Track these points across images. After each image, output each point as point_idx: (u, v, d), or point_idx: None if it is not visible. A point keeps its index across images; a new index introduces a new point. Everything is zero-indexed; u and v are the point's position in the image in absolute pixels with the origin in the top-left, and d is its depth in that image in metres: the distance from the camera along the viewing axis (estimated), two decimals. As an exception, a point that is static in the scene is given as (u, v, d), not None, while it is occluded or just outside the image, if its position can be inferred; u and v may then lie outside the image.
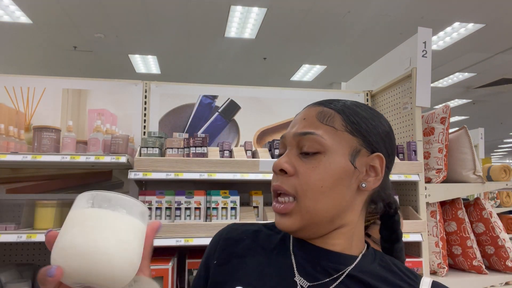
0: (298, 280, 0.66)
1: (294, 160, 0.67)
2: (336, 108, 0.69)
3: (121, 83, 2.42)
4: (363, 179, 0.67)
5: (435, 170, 2.23)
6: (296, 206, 0.65)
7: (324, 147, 0.65)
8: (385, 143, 0.70)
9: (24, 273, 2.06)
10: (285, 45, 6.80)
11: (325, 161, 0.65)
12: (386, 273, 0.67)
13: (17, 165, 2.25)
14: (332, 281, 0.65)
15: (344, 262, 0.67)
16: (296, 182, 0.65)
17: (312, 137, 0.66)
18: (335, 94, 2.71)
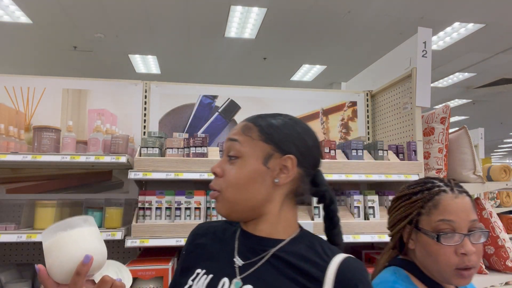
0: (236, 260, 0.84)
1: (225, 164, 0.87)
2: (255, 121, 0.88)
3: (121, 83, 2.42)
4: (276, 176, 0.84)
5: (435, 170, 2.23)
6: (220, 195, 0.85)
7: (242, 153, 0.85)
8: (298, 147, 0.86)
9: (24, 273, 2.06)
10: (285, 45, 6.80)
11: (241, 164, 0.84)
12: (308, 253, 0.82)
13: (17, 165, 2.25)
14: (259, 260, 0.82)
15: (270, 244, 0.84)
16: (222, 181, 0.85)
17: (235, 143, 0.86)
18: (335, 94, 2.71)
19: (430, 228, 0.99)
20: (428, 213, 1.00)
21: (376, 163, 2.09)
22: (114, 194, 2.35)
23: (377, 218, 2.09)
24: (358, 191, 2.16)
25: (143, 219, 1.94)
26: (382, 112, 2.56)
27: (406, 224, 1.05)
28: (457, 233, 0.97)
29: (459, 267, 0.97)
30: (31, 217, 1.94)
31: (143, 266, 1.76)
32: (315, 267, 0.79)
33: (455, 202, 0.99)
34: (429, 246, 0.99)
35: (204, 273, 0.85)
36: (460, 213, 0.98)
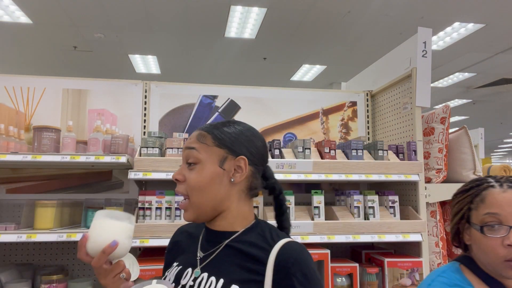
0: (198, 253, 0.99)
1: (185, 170, 0.97)
2: (208, 130, 0.98)
3: (121, 83, 2.42)
4: (232, 176, 0.96)
5: (435, 170, 2.23)
6: (189, 203, 0.95)
7: (199, 159, 0.95)
8: (248, 148, 0.98)
9: (24, 273, 2.06)
10: (285, 45, 6.80)
11: (199, 169, 0.95)
12: (257, 240, 0.94)
13: (17, 165, 2.25)
14: (215, 250, 0.95)
15: (225, 236, 0.96)
16: (185, 186, 0.95)
17: (193, 151, 0.96)
18: (335, 94, 2.71)
19: (478, 222, 1.05)
20: (476, 207, 1.07)
21: (376, 163, 2.09)
22: (114, 194, 2.35)
23: (377, 218, 2.09)
24: (358, 191, 2.16)
25: (143, 219, 1.94)
26: (382, 112, 2.56)
27: (459, 219, 1.15)
28: (503, 225, 1.00)
29: (507, 258, 0.98)
30: (31, 217, 1.94)
31: (143, 266, 1.76)
32: (261, 251, 0.91)
33: (502, 196, 1.03)
34: (478, 239, 1.04)
35: (176, 265, 1.00)
36: (506, 207, 1.01)
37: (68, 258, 2.26)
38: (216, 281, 0.89)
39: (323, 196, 2.09)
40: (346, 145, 2.22)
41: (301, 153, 2.09)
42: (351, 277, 2.01)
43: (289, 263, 0.86)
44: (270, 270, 0.87)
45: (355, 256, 2.35)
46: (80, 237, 0.95)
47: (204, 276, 0.92)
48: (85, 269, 2.27)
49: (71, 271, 2.25)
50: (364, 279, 2.02)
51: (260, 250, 0.91)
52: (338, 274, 2.00)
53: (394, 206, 2.15)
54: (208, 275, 0.91)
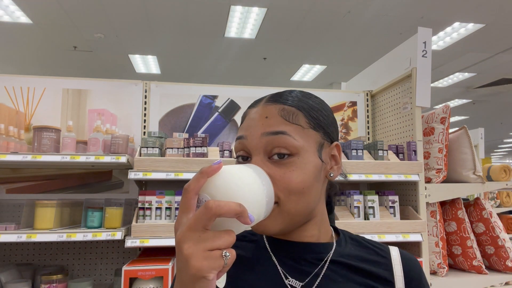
0: (291, 282, 0.67)
1: (265, 166, 0.63)
2: (295, 105, 0.68)
3: (121, 83, 2.42)
4: (330, 169, 0.70)
5: (435, 170, 2.23)
6: (277, 209, 0.63)
7: (297, 149, 0.64)
8: (336, 130, 0.73)
9: (24, 273, 2.06)
10: (285, 45, 6.80)
11: (300, 163, 0.64)
12: (361, 252, 0.73)
13: (17, 165, 2.25)
14: (320, 270, 0.68)
15: (324, 250, 0.70)
16: (277, 189, 0.62)
17: (284, 137, 0.64)
18: (335, 94, 2.71)
19: None
20: None
21: (376, 163, 2.09)
22: (114, 194, 2.35)
23: (377, 218, 2.09)
24: (358, 191, 2.16)
25: (143, 219, 1.94)
26: (382, 112, 2.56)
27: None
28: None
29: None
30: (31, 217, 1.94)
31: (143, 266, 1.76)
32: (377, 266, 0.71)
33: None
34: None
35: None
36: None
37: (68, 258, 2.26)
38: None
39: (323, 196, 2.09)
40: (346, 145, 2.22)
41: (301, 153, 2.09)
42: (351, 277, 2.01)
43: (421, 279, 0.73)
44: (401, 284, 0.70)
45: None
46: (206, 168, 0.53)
47: None
48: (85, 269, 2.27)
49: (71, 271, 2.25)
50: (364, 279, 2.02)
51: (377, 265, 0.71)
52: (338, 274, 1.99)
53: (394, 206, 2.15)
54: None
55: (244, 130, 0.68)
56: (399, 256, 0.73)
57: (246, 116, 0.71)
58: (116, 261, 2.29)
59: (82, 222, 1.98)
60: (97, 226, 1.93)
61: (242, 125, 0.70)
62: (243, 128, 0.69)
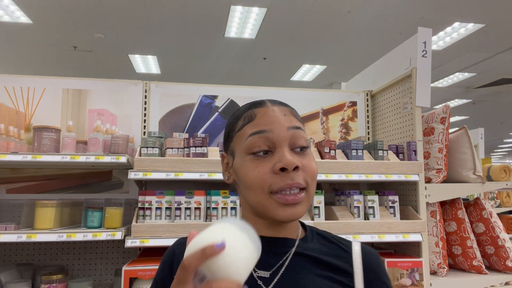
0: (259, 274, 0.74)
1: (293, 156, 0.72)
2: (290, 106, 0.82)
3: (121, 83, 2.42)
4: None
5: (435, 170, 2.23)
6: (306, 194, 0.73)
7: (308, 142, 0.76)
8: None
9: (24, 273, 2.06)
10: (285, 45, 6.80)
11: (310, 154, 0.76)
12: (325, 246, 0.80)
13: (17, 165, 2.25)
14: (284, 262, 0.75)
15: (291, 244, 0.78)
16: (304, 175, 0.72)
17: (301, 132, 0.76)
18: (335, 94, 2.71)
19: None
20: None
21: (376, 163, 2.09)
22: (114, 194, 2.35)
23: (377, 218, 2.09)
24: (358, 191, 2.16)
25: (143, 219, 1.94)
26: (382, 112, 2.56)
27: None
28: None
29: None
30: (31, 217, 1.94)
31: (143, 266, 1.76)
32: (338, 259, 0.78)
33: None
34: None
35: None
36: None
37: (68, 258, 2.26)
38: None
39: (323, 196, 2.09)
40: (346, 145, 2.22)
41: (301, 153, 2.09)
42: (351, 277, 2.01)
43: (379, 270, 0.80)
44: (360, 280, 0.76)
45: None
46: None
47: None
48: (85, 269, 2.27)
49: (71, 271, 2.25)
50: (364, 279, 2.02)
51: (338, 257, 0.78)
52: (338, 274, 1.99)
53: (394, 206, 2.15)
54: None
55: (267, 125, 0.74)
56: (360, 250, 0.80)
57: (257, 115, 0.77)
58: (116, 261, 2.29)
59: (82, 222, 1.98)
60: (97, 226, 1.93)
61: (257, 122, 0.76)
62: (262, 123, 0.75)
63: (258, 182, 0.71)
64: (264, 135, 0.73)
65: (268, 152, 0.73)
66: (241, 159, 0.75)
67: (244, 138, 0.75)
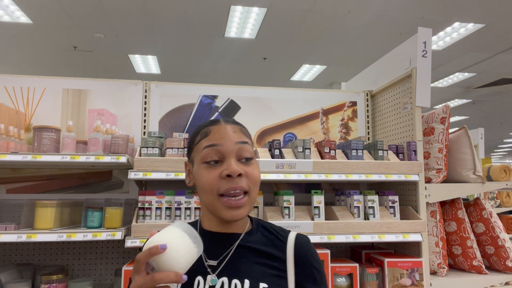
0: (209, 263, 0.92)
1: (238, 165, 0.90)
2: (240, 124, 0.98)
3: (121, 83, 2.42)
4: None
5: (435, 170, 2.23)
6: (248, 198, 0.90)
7: (253, 154, 0.94)
8: None
9: (24, 273, 2.06)
10: (285, 45, 6.80)
11: (255, 164, 0.94)
12: (265, 237, 0.96)
13: (17, 165, 2.25)
14: (227, 254, 0.92)
15: (236, 238, 0.94)
16: (247, 180, 0.90)
17: (247, 146, 0.93)
18: (335, 94, 2.71)
19: None
20: None
21: (376, 163, 2.09)
22: (114, 194, 2.35)
23: (377, 218, 2.09)
24: (358, 191, 2.16)
25: (143, 219, 1.94)
26: (382, 112, 2.56)
27: None
28: None
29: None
30: (31, 217, 1.94)
31: (143, 266, 1.76)
32: (275, 248, 0.95)
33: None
34: None
35: None
36: None
37: (68, 258, 2.26)
38: (241, 283, 0.87)
39: (323, 196, 2.09)
40: (346, 145, 2.22)
41: (301, 153, 2.09)
42: (351, 277, 2.01)
43: (307, 254, 0.95)
44: (291, 264, 0.92)
45: (355, 256, 2.35)
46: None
47: (223, 281, 0.88)
48: (85, 269, 2.27)
49: (71, 271, 2.25)
50: (364, 279, 2.02)
51: (273, 246, 0.95)
52: (338, 274, 1.99)
53: (394, 206, 2.15)
54: (228, 279, 0.88)
55: (219, 140, 0.92)
56: (294, 239, 0.97)
57: (211, 131, 0.94)
58: (116, 261, 2.29)
59: (82, 222, 1.98)
60: (97, 226, 1.93)
61: (211, 137, 0.93)
62: (215, 139, 0.92)
63: (209, 185, 0.89)
64: (215, 148, 0.91)
65: (219, 161, 0.91)
66: (198, 166, 0.93)
67: (201, 150, 0.92)
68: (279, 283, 0.90)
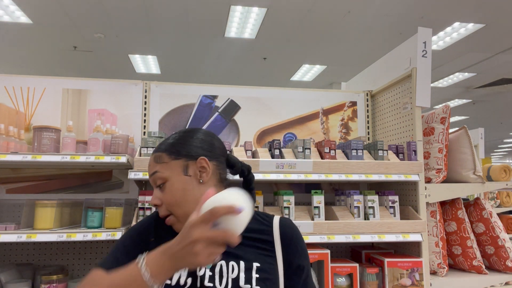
0: None
1: (158, 194, 1.02)
2: (160, 149, 1.05)
3: (121, 83, 2.42)
4: (200, 177, 1.02)
5: (435, 170, 2.23)
6: (174, 218, 1.01)
7: (165, 178, 1.01)
8: (202, 147, 1.05)
9: (24, 273, 2.06)
10: (285, 45, 6.80)
11: (169, 186, 1.01)
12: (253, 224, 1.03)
13: (17, 165, 2.25)
14: None
15: None
16: (165, 207, 1.01)
17: (156, 174, 1.02)
18: (335, 94, 2.71)
19: None
20: None
21: (376, 163, 2.09)
22: (114, 194, 2.35)
23: (377, 218, 2.09)
24: (358, 191, 2.16)
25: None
26: (382, 112, 2.56)
27: None
28: None
29: None
30: (31, 217, 1.94)
31: (143, 266, 1.76)
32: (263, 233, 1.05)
33: None
34: None
35: None
36: None
37: (68, 258, 2.26)
38: (237, 264, 0.98)
39: (323, 196, 2.09)
40: (346, 145, 2.22)
41: (301, 153, 2.09)
42: (351, 277, 2.01)
43: (292, 235, 1.07)
44: (279, 244, 1.03)
45: (355, 256, 2.35)
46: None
47: (221, 264, 0.98)
48: (85, 269, 2.27)
49: (71, 271, 2.25)
50: (364, 279, 2.02)
51: (261, 232, 1.05)
52: (338, 274, 2.00)
53: (394, 206, 2.15)
54: (226, 261, 0.98)
55: None
56: (278, 222, 1.08)
57: None
58: (116, 261, 2.29)
59: (82, 222, 1.98)
60: (97, 226, 1.93)
61: None
62: None
63: None
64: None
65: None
66: None
67: None
68: (269, 262, 1.02)
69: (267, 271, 1.00)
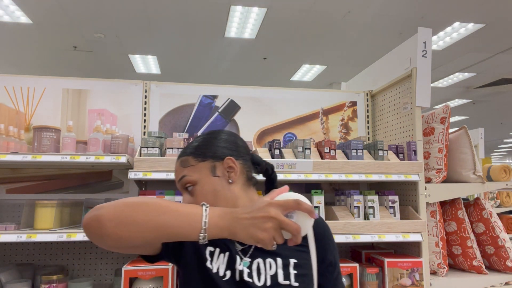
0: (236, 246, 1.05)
1: (188, 198, 1.03)
2: (185, 153, 1.06)
3: (121, 83, 2.42)
4: (228, 178, 1.03)
5: (435, 170, 2.23)
6: None
7: (194, 181, 1.02)
8: (227, 147, 1.07)
9: (24, 273, 2.06)
10: (285, 45, 6.80)
11: (200, 189, 1.02)
12: None
13: (17, 165, 2.25)
14: None
15: None
16: None
17: (185, 178, 1.03)
18: (335, 94, 2.71)
19: None
20: None
21: (376, 163, 2.09)
22: (114, 194, 2.35)
23: (377, 218, 2.09)
24: (358, 191, 2.16)
25: (143, 219, 1.93)
26: (382, 112, 2.56)
27: None
28: None
29: None
30: (31, 217, 1.94)
31: (143, 266, 1.76)
32: None
33: None
34: None
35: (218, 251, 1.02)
36: None
37: (68, 258, 2.26)
38: (274, 261, 1.00)
39: (323, 196, 2.09)
40: (346, 145, 2.22)
41: (301, 153, 2.09)
42: (351, 277, 2.01)
43: (324, 230, 1.09)
44: (312, 241, 0.99)
45: (355, 256, 2.35)
46: None
47: (258, 261, 1.00)
48: (85, 269, 2.27)
49: (71, 271, 2.25)
50: (364, 279, 2.02)
51: None
52: (338, 274, 1.99)
53: (394, 206, 2.15)
54: (262, 259, 1.00)
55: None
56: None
57: None
58: (116, 261, 2.29)
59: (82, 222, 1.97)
60: (97, 226, 1.93)
61: None
62: None
63: None
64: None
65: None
66: None
67: None
68: (305, 257, 1.02)
69: (304, 266, 1.01)
